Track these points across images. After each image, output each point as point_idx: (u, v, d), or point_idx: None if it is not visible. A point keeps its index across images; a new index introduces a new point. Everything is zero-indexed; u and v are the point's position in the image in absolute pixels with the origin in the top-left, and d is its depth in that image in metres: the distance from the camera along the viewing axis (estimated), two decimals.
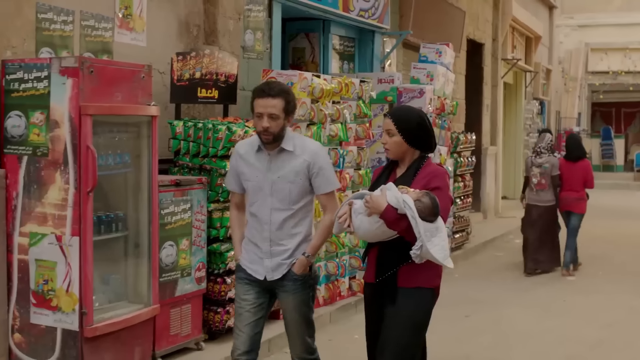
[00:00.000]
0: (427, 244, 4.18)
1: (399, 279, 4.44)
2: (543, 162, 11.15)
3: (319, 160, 4.81)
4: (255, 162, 4.81)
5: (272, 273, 4.81)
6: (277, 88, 4.72)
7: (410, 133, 4.49)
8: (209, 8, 7.93)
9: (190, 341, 6.64)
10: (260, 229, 4.81)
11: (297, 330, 4.93)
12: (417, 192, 4.31)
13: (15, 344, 5.73)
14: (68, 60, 5.48)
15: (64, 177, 5.47)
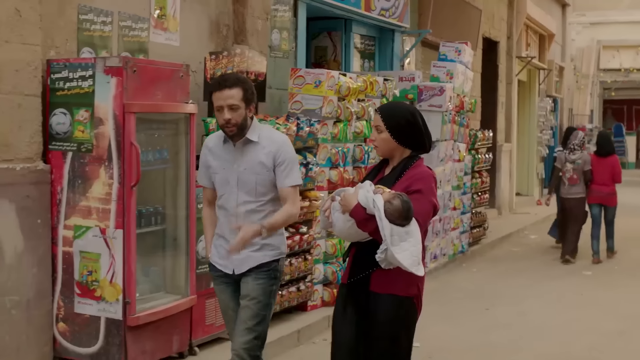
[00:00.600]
0: (393, 248, 3.97)
1: (371, 282, 4.22)
2: (576, 159, 11.94)
3: (284, 152, 4.70)
4: (222, 154, 4.74)
5: (240, 266, 4.71)
6: (232, 78, 4.66)
7: (399, 130, 4.28)
8: (238, 8, 8.15)
9: (223, 331, 6.82)
10: (227, 222, 4.72)
11: (247, 320, 4.68)
12: (390, 193, 4.10)
13: (60, 333, 5.96)
14: (112, 60, 5.71)
15: (108, 172, 5.69)
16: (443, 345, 7.54)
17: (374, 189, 4.14)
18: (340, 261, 8.33)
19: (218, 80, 4.73)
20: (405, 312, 4.25)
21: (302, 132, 7.47)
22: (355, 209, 4.09)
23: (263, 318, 4.71)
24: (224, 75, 4.81)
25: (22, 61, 5.68)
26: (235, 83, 4.61)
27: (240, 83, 4.63)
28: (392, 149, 4.32)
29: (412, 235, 4.04)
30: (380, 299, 4.20)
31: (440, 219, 10.81)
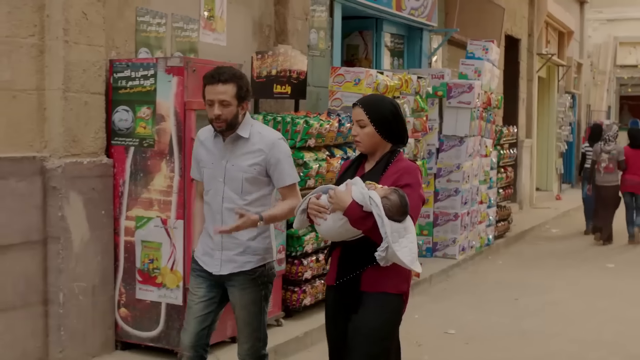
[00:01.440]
0: (394, 245, 3.83)
1: (362, 282, 4.08)
2: (611, 149, 13.26)
3: (276, 152, 4.52)
4: (212, 148, 4.58)
5: (221, 267, 4.56)
6: (227, 73, 4.45)
7: (384, 123, 4.13)
8: (279, 9, 8.48)
9: (271, 318, 7.18)
10: (212, 219, 4.57)
11: (244, 330, 4.64)
12: (385, 189, 3.96)
13: (122, 318, 6.32)
14: (173, 60, 6.06)
15: (169, 165, 6.04)
16: (478, 332, 7.86)
17: (365, 184, 3.98)
18: None
19: (212, 73, 4.46)
20: (396, 309, 4.13)
21: (343, 128, 7.81)
22: (351, 207, 3.89)
23: (258, 324, 4.64)
24: (219, 69, 4.50)
25: (88, 61, 6.04)
26: (230, 79, 4.42)
27: (236, 79, 4.44)
28: (376, 143, 4.16)
29: (409, 231, 3.93)
30: (371, 298, 4.06)
31: (469, 212, 11.14)
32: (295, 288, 7.44)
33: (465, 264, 11.06)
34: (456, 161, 10.81)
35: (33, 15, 5.75)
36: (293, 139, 7.33)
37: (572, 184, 23.39)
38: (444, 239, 10.86)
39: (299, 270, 7.39)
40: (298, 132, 7.31)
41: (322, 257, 7.67)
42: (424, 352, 7.25)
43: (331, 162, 7.62)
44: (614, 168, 13.30)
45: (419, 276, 9.51)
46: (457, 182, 10.80)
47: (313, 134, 7.37)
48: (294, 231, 7.38)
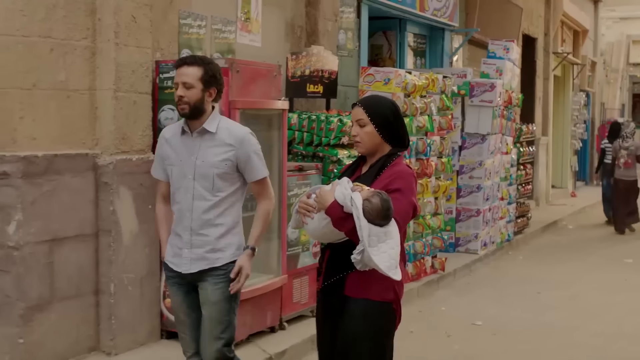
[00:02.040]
0: (371, 249, 3.72)
1: (346, 286, 3.97)
2: (629, 145, 14.32)
3: (246, 147, 4.47)
4: (180, 145, 4.51)
5: (190, 265, 4.49)
6: (195, 57, 4.48)
7: (384, 123, 4.02)
8: (310, 11, 8.76)
9: (307, 309, 7.47)
10: (181, 217, 4.51)
11: (212, 329, 4.52)
12: (369, 191, 3.85)
13: (167, 308, 6.59)
14: (219, 62, 6.28)
15: None
16: (503, 324, 8.12)
17: (352, 186, 3.90)
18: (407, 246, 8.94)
19: (180, 59, 4.51)
20: (381, 318, 3.96)
21: None
22: (331, 207, 3.83)
23: (228, 323, 4.55)
24: (191, 54, 4.55)
25: (137, 62, 6.32)
26: (196, 61, 4.41)
27: (203, 63, 4.42)
28: (377, 144, 4.04)
29: (390, 237, 3.80)
30: (354, 303, 3.94)
31: (490, 208, 11.39)
32: None
33: (486, 258, 11.32)
34: (478, 158, 11.07)
35: (86, 19, 6.03)
36: (327, 136, 7.61)
37: (586, 181, 23.62)
38: (467, 234, 11.12)
39: None
40: (332, 130, 7.58)
41: None
42: (453, 342, 7.50)
43: None
44: (632, 163, 14.32)
45: (444, 269, 9.79)
46: (479, 178, 11.06)
47: (346, 132, 7.64)
48: None
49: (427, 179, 9.28)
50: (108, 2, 6.07)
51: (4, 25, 5.57)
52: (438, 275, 9.74)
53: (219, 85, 4.51)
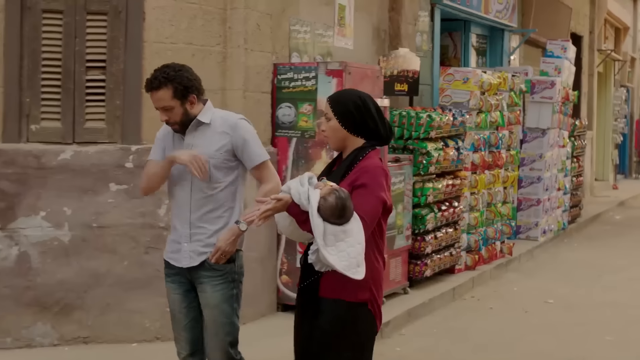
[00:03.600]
0: (328, 248, 3.56)
1: (320, 287, 3.80)
2: None
3: (241, 132, 4.40)
4: (176, 141, 4.46)
5: (190, 259, 4.40)
6: (159, 78, 4.28)
7: (347, 116, 3.85)
8: (393, 16, 9.56)
9: (399, 287, 8.28)
10: (180, 210, 4.44)
11: (216, 332, 4.42)
12: (328, 189, 3.65)
13: (283, 284, 7.43)
14: (333, 64, 7.14)
15: (329, 154, 7.12)
16: (572, 302, 8.87)
17: (316, 182, 3.74)
18: (481, 231, 9.75)
19: (146, 82, 4.36)
20: (355, 319, 3.78)
21: (456, 121, 8.86)
22: (290, 206, 3.70)
23: (232, 325, 4.44)
24: (154, 73, 4.33)
25: (260, 65, 7.14)
26: (162, 83, 4.27)
27: (167, 81, 4.26)
28: (343, 138, 3.89)
29: (350, 235, 3.60)
30: (327, 304, 3.78)
31: (549, 198, 12.16)
32: (418, 261, 8.51)
33: (545, 245, 12.08)
34: (538, 151, 11.83)
35: (219, 28, 6.86)
36: (417, 131, 8.39)
37: (625, 174, 24.29)
38: (527, 222, 11.88)
39: (421, 246, 8.46)
40: (422, 125, 8.37)
41: (441, 235, 8.75)
42: (531, 317, 8.26)
43: (447, 151, 8.69)
44: None
45: (511, 254, 10.57)
46: (540, 170, 11.81)
47: (434, 127, 8.42)
48: (417, 211, 8.45)
49: (498, 170, 10.06)
50: (237, 12, 6.90)
51: (156, 34, 6.42)
52: (506, 259, 10.51)
53: (196, 88, 4.38)
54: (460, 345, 7.20)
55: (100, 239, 6.38)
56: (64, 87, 6.32)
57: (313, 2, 8.12)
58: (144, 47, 6.41)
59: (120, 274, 6.40)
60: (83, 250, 6.30)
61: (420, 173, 8.45)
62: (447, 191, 8.82)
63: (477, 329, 7.73)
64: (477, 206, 9.67)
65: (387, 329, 7.36)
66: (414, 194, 8.40)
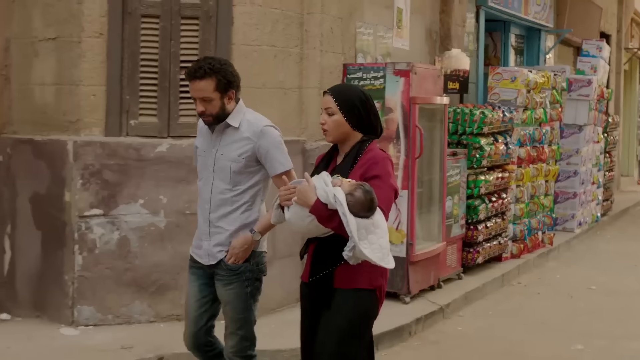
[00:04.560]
0: (361, 243, 3.64)
1: (335, 279, 3.89)
2: None
3: (264, 141, 4.40)
4: (206, 136, 4.52)
5: (209, 257, 4.49)
6: (204, 67, 4.30)
7: (352, 111, 3.93)
8: (444, 18, 10.12)
9: (454, 273, 8.85)
10: (202, 209, 4.53)
11: (229, 325, 4.52)
12: (350, 185, 3.76)
13: None
14: (400, 65, 7.71)
15: (396, 147, 7.70)
16: (613, 288, 9.42)
17: (332, 180, 3.80)
18: (525, 222, 10.31)
19: (189, 70, 4.36)
20: (368, 306, 3.94)
21: (505, 117, 9.42)
22: (315, 207, 3.73)
23: (244, 321, 4.49)
24: (197, 63, 4.38)
25: (333, 65, 7.72)
26: (207, 73, 4.28)
27: (213, 73, 4.29)
28: (345, 132, 3.97)
29: (378, 226, 3.74)
30: (345, 294, 3.88)
31: (584, 191, 12.71)
32: (471, 249, 9.08)
33: (581, 237, 12.63)
34: (575, 146, 12.37)
35: (297, 31, 7.42)
36: (471, 126, 8.95)
37: None
38: (564, 214, 12.42)
39: (474, 234, 9.03)
40: (475, 122, 8.92)
41: (491, 225, 9.32)
42: (577, 301, 8.82)
43: (497, 146, 9.25)
44: None
45: (552, 244, 11.11)
46: (576, 164, 12.36)
47: (487, 123, 8.98)
48: (471, 202, 9.02)
49: (541, 164, 10.62)
50: (314, 17, 7.47)
51: (243, 37, 7.00)
52: (547, 249, 11.07)
53: (236, 85, 4.45)
54: (516, 325, 7.76)
55: (192, 224, 6.86)
56: (160, 85, 6.90)
57: (375, 5, 8.69)
58: (232, 49, 6.98)
59: None
60: (177, 235, 6.86)
61: (473, 166, 9.00)
62: (496, 183, 9.38)
63: (528, 312, 8.29)
64: (522, 198, 10.23)
65: (448, 310, 7.94)
66: (467, 186, 8.96)
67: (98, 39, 6.74)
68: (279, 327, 6.62)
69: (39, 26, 6.87)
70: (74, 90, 6.76)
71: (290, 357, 6.04)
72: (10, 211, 7.00)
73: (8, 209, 7.00)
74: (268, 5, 7.10)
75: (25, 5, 6.94)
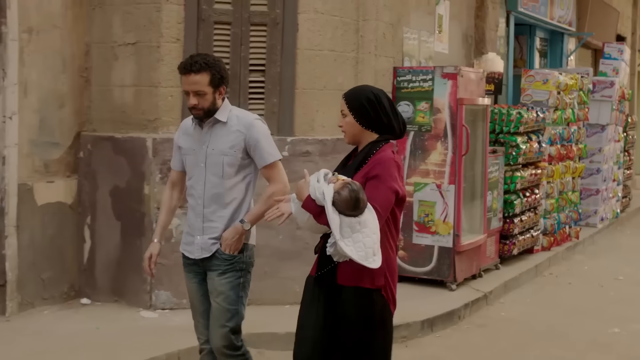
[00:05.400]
0: (344, 240, 3.69)
1: (338, 275, 3.95)
2: None
3: (254, 132, 4.51)
4: (194, 135, 4.60)
5: (202, 251, 4.55)
6: (200, 62, 4.42)
7: (361, 111, 4.00)
8: (478, 23, 10.70)
9: (492, 263, 9.42)
10: (194, 204, 4.59)
11: (219, 317, 4.54)
12: (341, 183, 3.80)
13: (399, 258, 8.57)
14: (448, 69, 8.28)
15: (444, 145, 8.27)
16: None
17: (330, 177, 3.88)
18: (555, 216, 10.89)
19: (185, 64, 4.47)
20: (374, 305, 3.95)
21: (538, 117, 10.00)
22: (305, 202, 3.85)
23: (235, 312, 4.55)
24: (192, 57, 4.50)
25: (385, 69, 8.29)
26: (202, 68, 4.40)
27: (208, 67, 4.42)
28: (358, 133, 4.06)
29: (365, 225, 3.73)
30: (346, 292, 3.93)
31: (606, 188, 13.29)
32: (507, 241, 9.65)
33: (603, 231, 13.22)
34: (598, 145, 12.95)
35: (353, 36, 7.98)
36: (507, 126, 9.52)
37: None
38: (587, 210, 13.00)
39: (510, 227, 9.60)
40: (512, 121, 9.50)
41: (525, 218, 9.89)
42: (607, 290, 9.39)
43: (531, 144, 9.83)
44: None
45: (578, 237, 11.67)
46: (599, 162, 12.95)
47: (523, 123, 9.56)
48: (507, 197, 9.59)
49: (569, 162, 11.20)
50: (369, 24, 8.02)
51: (307, 43, 7.57)
52: (573, 242, 11.65)
53: (227, 81, 4.57)
54: (553, 311, 8.33)
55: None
56: (231, 87, 7.42)
57: (419, 12, 9.27)
58: (297, 53, 7.54)
59: (276, 246, 7.52)
60: None
61: (509, 163, 9.58)
62: (530, 180, 9.96)
63: (563, 300, 8.87)
64: (552, 194, 10.81)
65: (490, 297, 8.52)
66: (504, 182, 9.53)
67: (175, 44, 7.30)
68: None
69: (119, 32, 7.43)
70: (153, 92, 7.32)
71: None
72: (91, 203, 7.55)
73: (88, 202, 7.56)
74: (329, 13, 7.66)
75: (105, 12, 7.49)
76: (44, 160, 7.29)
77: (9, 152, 6.94)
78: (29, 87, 7.09)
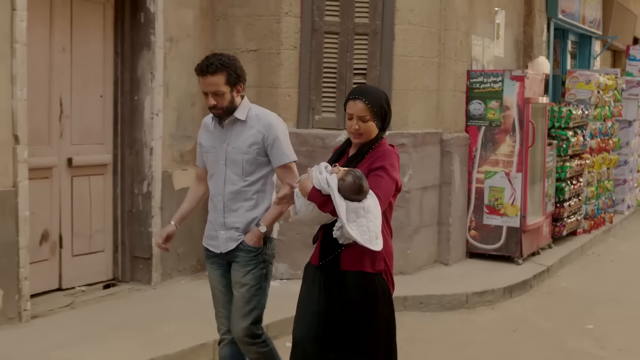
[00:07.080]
0: (350, 224, 3.92)
1: (342, 261, 4.15)
2: None
3: (274, 131, 4.60)
4: (214, 133, 4.71)
5: (226, 244, 4.67)
6: (215, 63, 4.50)
7: (381, 115, 4.20)
8: (527, 29, 11.97)
9: (546, 243, 10.69)
10: (215, 202, 4.70)
11: (241, 307, 4.64)
12: (343, 171, 4.02)
13: (471, 237, 9.82)
14: (517, 72, 9.55)
15: (512, 138, 9.53)
16: None
17: (331, 169, 4.08)
18: (594, 203, 12.18)
19: (201, 66, 4.56)
20: (377, 287, 4.17)
21: (583, 114, 11.29)
22: (311, 193, 4.02)
23: (257, 302, 4.66)
24: (208, 59, 4.58)
25: (461, 72, 9.55)
26: (218, 69, 4.48)
27: (224, 68, 4.50)
28: (374, 133, 4.22)
29: (369, 211, 3.98)
30: (350, 275, 4.14)
31: (632, 178, 14.59)
32: (558, 223, 10.93)
33: (629, 218, 14.53)
34: (625, 139, 14.25)
35: (437, 44, 9.22)
36: (559, 121, 10.79)
37: None
38: (615, 198, 14.29)
39: (560, 211, 10.89)
40: (563, 117, 10.77)
41: (572, 204, 11.18)
42: None
43: (578, 138, 11.11)
44: None
45: (612, 222, 12.95)
46: (626, 155, 14.24)
47: (572, 119, 10.84)
48: (559, 184, 10.87)
49: (605, 154, 12.50)
50: (449, 33, 9.27)
51: (402, 50, 8.79)
52: (607, 226, 12.96)
53: (244, 79, 4.64)
54: (606, 282, 9.59)
55: None
56: (338, 88, 8.68)
57: (483, 21, 10.53)
58: (394, 59, 8.77)
59: None
60: None
61: (560, 154, 10.86)
62: (576, 169, 11.24)
63: (611, 273, 10.13)
64: (592, 182, 12.09)
65: (550, 271, 9.78)
66: (556, 171, 10.81)
67: (292, 51, 8.52)
68: (426, 281, 8.61)
69: (241, 40, 8.63)
70: (273, 92, 8.54)
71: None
72: None
73: None
74: (419, 24, 8.90)
75: (228, 23, 8.69)
76: (180, 151, 8.49)
77: (155, 144, 8.13)
78: (170, 88, 8.28)
